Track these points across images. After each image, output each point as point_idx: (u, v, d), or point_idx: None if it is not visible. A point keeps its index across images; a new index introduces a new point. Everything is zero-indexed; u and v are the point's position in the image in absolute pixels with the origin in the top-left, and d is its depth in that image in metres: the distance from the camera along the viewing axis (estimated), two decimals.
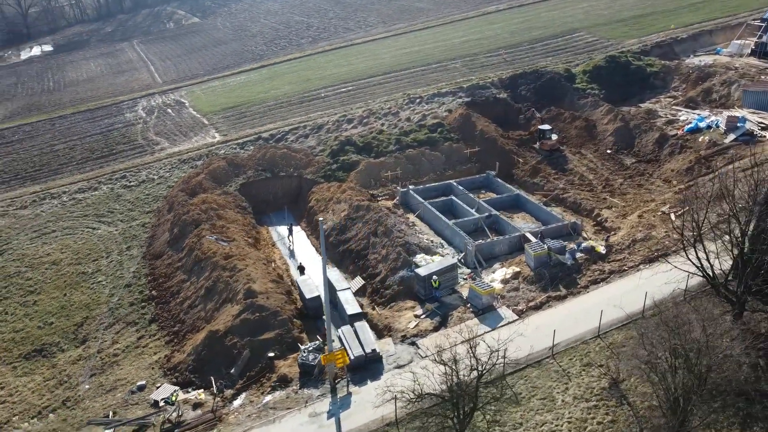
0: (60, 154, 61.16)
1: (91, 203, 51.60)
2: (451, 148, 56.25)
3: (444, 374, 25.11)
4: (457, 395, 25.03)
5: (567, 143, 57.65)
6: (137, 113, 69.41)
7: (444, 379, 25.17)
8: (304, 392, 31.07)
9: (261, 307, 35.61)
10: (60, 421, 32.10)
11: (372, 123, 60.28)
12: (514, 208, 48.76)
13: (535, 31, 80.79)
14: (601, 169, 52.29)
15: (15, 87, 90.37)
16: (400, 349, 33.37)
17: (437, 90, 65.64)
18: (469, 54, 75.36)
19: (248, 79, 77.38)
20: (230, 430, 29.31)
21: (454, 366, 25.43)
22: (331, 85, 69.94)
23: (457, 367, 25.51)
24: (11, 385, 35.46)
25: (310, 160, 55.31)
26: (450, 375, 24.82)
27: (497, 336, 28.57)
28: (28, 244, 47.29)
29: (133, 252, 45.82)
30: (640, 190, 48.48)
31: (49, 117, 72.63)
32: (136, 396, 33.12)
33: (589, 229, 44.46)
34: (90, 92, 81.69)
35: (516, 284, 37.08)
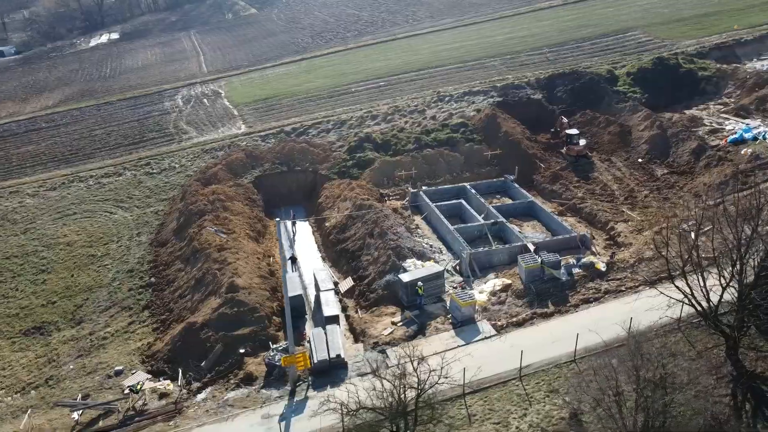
0: (96, 139, 63.79)
1: (113, 188, 53.45)
2: (471, 150, 54.38)
3: (383, 389, 24.09)
4: (393, 413, 23.96)
5: (598, 149, 54.54)
6: (175, 102, 71.39)
7: (382, 394, 24.14)
8: (264, 392, 30.78)
9: (240, 303, 35.59)
10: (38, 398, 33.32)
11: (396, 120, 59.21)
12: (527, 216, 46.53)
13: (585, 29, 76.87)
14: (628, 179, 49.02)
15: (76, 73, 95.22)
16: (369, 356, 32.42)
17: (469, 88, 63.68)
18: (511, 52, 72.65)
19: (286, 72, 77.95)
20: (185, 424, 29.42)
21: (397, 382, 24.42)
22: (363, 80, 69.29)
23: (401, 382, 24.47)
24: (6, 359, 37.16)
25: (327, 156, 54.96)
26: (385, 390, 23.77)
27: (453, 354, 27.27)
28: (50, 224, 49.54)
29: (142, 238, 47.08)
30: (666, 204, 45.02)
31: (97, 103, 75.96)
32: (112, 380, 33.88)
33: (600, 242, 41.70)
34: (140, 80, 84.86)
35: (503, 297, 35.27)
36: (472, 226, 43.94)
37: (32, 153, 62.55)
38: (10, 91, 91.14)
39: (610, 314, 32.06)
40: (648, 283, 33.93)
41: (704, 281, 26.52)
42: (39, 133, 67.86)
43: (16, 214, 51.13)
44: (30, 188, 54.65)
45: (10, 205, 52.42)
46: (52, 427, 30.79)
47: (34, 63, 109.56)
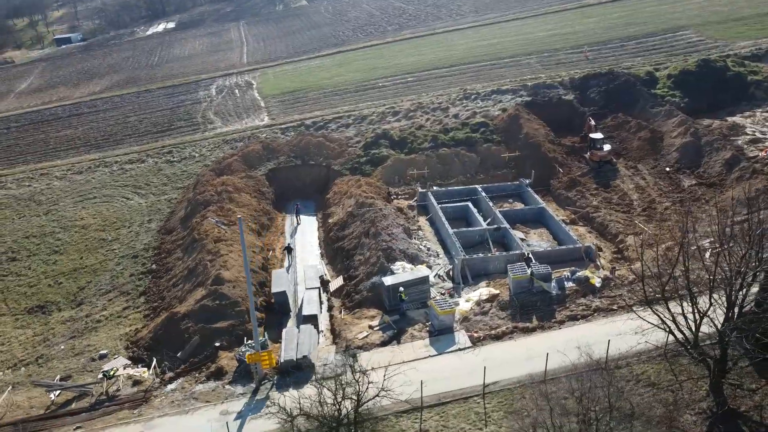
0: (129, 125, 65.82)
1: (134, 175, 54.96)
2: (489, 151, 52.57)
3: (319, 397, 23.44)
4: (330, 423, 23.25)
5: (625, 155, 51.60)
6: (209, 92, 72.70)
7: (322, 402, 23.49)
8: (229, 388, 30.69)
9: (222, 296, 35.71)
10: (25, 375, 34.54)
11: (417, 117, 58.01)
12: (536, 223, 44.55)
13: (632, 28, 72.92)
14: (651, 189, 46.04)
15: (126, 60, 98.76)
16: (339, 359, 31.75)
17: (498, 87, 61.62)
18: (549, 49, 69.83)
19: (320, 65, 77.94)
20: (148, 413, 29.72)
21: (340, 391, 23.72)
22: (392, 75, 68.32)
23: (344, 392, 23.75)
24: (8, 335, 38.81)
25: (343, 151, 54.47)
26: (321, 400, 23.10)
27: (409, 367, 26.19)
28: (70, 207, 51.45)
29: (152, 225, 48.15)
30: (687, 217, 41.89)
31: (138, 90, 78.46)
32: (95, 364, 34.68)
33: (607, 255, 39.36)
34: (182, 69, 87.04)
35: (487, 308, 33.73)
36: (474, 230, 42.44)
37: (69, 137, 65.24)
38: (66, 76, 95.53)
39: (595, 334, 30.07)
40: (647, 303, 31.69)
41: (694, 307, 24.32)
42: (80, 118, 70.70)
43: (42, 195, 53.42)
44: (59, 171, 56.98)
45: (39, 186, 54.82)
46: (29, 405, 31.85)
47: (93, 50, 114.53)
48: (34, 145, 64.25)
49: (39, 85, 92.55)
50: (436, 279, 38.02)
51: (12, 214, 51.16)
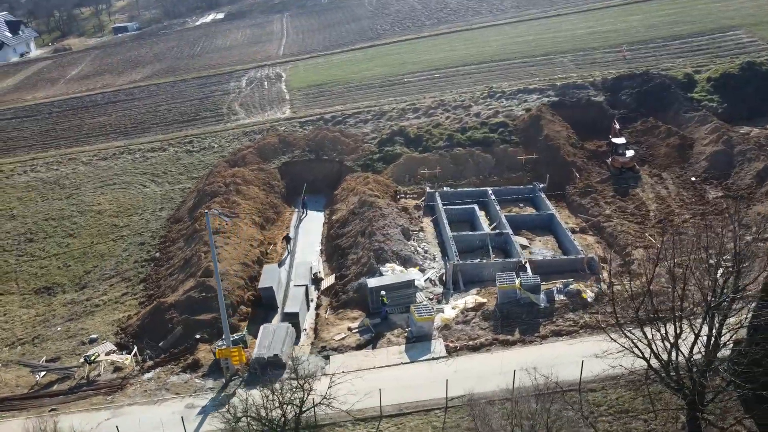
0: (158, 114, 67.28)
1: (154, 163, 56.10)
2: (506, 152, 50.77)
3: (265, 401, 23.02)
4: (272, 427, 22.80)
5: (651, 162, 48.82)
6: (240, 83, 73.44)
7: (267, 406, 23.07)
8: (200, 382, 30.77)
9: (209, 288, 35.81)
10: (20, 354, 35.77)
11: (437, 115, 56.66)
12: (544, 230, 42.69)
13: (678, 26, 68.82)
14: (672, 199, 43.32)
15: (171, 50, 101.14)
16: (312, 359, 31.32)
17: (525, 86, 59.42)
18: (586, 48, 66.79)
19: (351, 58, 77.41)
20: (119, 401, 30.16)
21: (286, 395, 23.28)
22: (419, 71, 67.03)
23: (286, 397, 23.29)
24: (13, 313, 40.35)
25: (357, 147, 53.82)
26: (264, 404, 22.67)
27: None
28: (90, 192, 53.01)
29: (162, 213, 48.98)
30: (705, 232, 39.13)
31: (174, 80, 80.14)
32: (84, 347, 35.57)
33: (613, 269, 37.15)
34: (221, 60, 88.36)
35: (470, 317, 32.50)
36: (474, 234, 41.05)
37: (102, 124, 67.29)
38: (113, 64, 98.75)
39: (576, 352, 28.42)
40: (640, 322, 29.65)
41: (678, 330, 22.51)
42: (115, 106, 72.83)
43: (67, 179, 55.26)
44: (86, 156, 58.83)
45: (65, 171, 56.76)
46: (16, 383, 32.91)
47: (144, 39, 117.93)
48: (69, 130, 66.62)
49: (88, 72, 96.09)
50: (427, 283, 36.96)
51: (37, 197, 53.17)
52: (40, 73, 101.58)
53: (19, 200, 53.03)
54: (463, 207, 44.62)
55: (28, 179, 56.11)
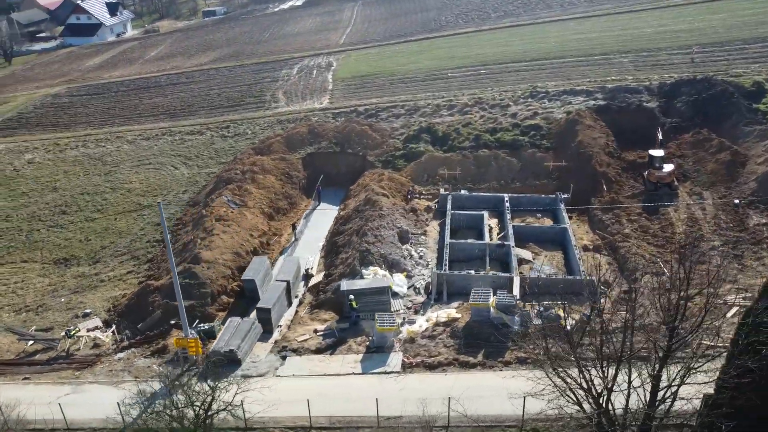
0: (207, 98, 69.14)
1: (189, 146, 57.67)
2: (533, 157, 47.70)
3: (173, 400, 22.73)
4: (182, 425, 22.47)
5: (695, 179, 44.07)
6: (291, 71, 74.00)
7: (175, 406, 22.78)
8: (160, 369, 31.11)
9: (193, 275, 36.21)
10: (21, 321, 37.91)
11: (472, 113, 54.16)
12: (555, 245, 39.69)
13: (764, 27, 61.68)
14: (706, 222, 38.85)
15: (243, 35, 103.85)
16: (269, 358, 30.86)
17: (572, 87, 55.55)
18: (651, 48, 61.45)
19: (404, 50, 75.81)
20: (83, 377, 31.13)
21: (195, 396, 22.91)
22: (466, 66, 64.44)
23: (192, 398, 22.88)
24: (30, 281, 42.85)
25: (383, 142, 52.54)
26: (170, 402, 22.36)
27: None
28: (127, 170, 55.34)
29: (184, 196, 50.22)
30: (732, 264, 34.78)
31: (234, 65, 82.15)
32: (77, 320, 37.11)
33: (615, 295, 33.88)
34: (284, 46, 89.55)
35: (438, 332, 30.71)
36: (473, 243, 38.82)
37: (156, 105, 70.14)
38: (188, 47, 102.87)
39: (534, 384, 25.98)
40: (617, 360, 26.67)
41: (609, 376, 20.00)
42: (174, 87, 75.70)
43: (110, 157, 58.03)
44: (132, 135, 61.50)
45: (110, 148, 59.63)
46: (6, 349, 34.83)
47: (224, 23, 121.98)
48: (126, 109, 70.01)
49: (164, 54, 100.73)
50: (410, 291, 35.41)
51: (80, 171, 56.23)
52: (124, 53, 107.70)
53: (65, 173, 56.31)
54: (471, 213, 42.34)
55: (77, 154, 59.47)
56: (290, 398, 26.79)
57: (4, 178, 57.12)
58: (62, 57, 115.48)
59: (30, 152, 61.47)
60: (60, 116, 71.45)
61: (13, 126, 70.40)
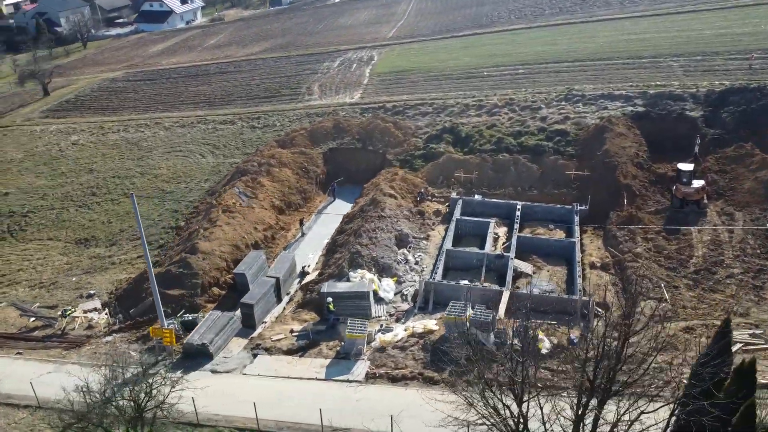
0: (247, 88, 70.18)
1: (219, 135, 58.73)
2: (555, 164, 45.37)
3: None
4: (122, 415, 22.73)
5: (729, 197, 40.58)
6: (332, 64, 73.93)
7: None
8: (139, 356, 31.76)
9: (187, 265, 36.78)
10: (32, 296, 39.80)
11: (500, 115, 52.16)
12: (561, 259, 37.54)
13: None
14: (730, 247, 35.65)
15: (298, 25, 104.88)
16: (241, 355, 30.86)
17: (610, 90, 52.44)
18: (706, 52, 57.07)
19: (447, 45, 74.05)
20: (68, 357, 32.23)
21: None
22: (505, 65, 62.15)
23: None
24: (51, 258, 44.90)
25: (405, 141, 51.51)
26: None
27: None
28: (158, 156, 57.03)
29: (205, 185, 51.17)
30: (748, 295, 31.68)
31: (281, 55, 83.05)
32: (81, 300, 38.59)
33: (612, 319, 31.64)
34: (334, 38, 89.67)
35: (411, 343, 29.69)
36: (471, 252, 37.33)
37: (199, 93, 71.92)
38: (245, 36, 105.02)
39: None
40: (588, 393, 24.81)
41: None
42: (221, 76, 77.38)
43: (145, 142, 60.00)
44: (169, 122, 63.33)
45: (147, 134, 61.66)
46: (12, 323, 36.68)
47: (284, 13, 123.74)
48: (170, 96, 72.21)
49: (222, 42, 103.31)
50: (396, 297, 34.50)
51: (116, 155, 58.48)
52: (186, 41, 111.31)
53: (102, 156, 58.72)
54: (477, 220, 40.76)
55: (116, 138, 61.89)
56: (249, 398, 26.61)
57: (49, 157, 60.27)
58: (131, 43, 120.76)
59: (76, 134, 64.56)
60: (111, 100, 74.66)
61: (68, 108, 74.21)
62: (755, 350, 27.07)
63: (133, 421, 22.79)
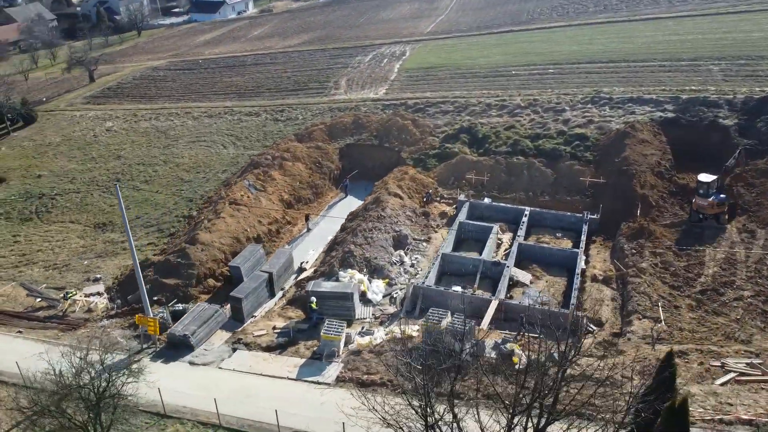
0: (278, 80, 70.68)
1: (243, 126, 59.40)
2: (570, 170, 43.66)
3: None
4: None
5: (754, 214, 37.96)
6: (364, 58, 73.55)
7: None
8: (126, 342, 32.52)
9: (185, 255, 37.39)
10: (45, 277, 41.35)
11: (521, 116, 50.61)
12: (562, 270, 36.09)
13: None
14: (744, 267, 33.34)
15: (339, 18, 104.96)
16: (221, 349, 31.11)
17: (640, 94, 50.06)
18: (751, 56, 53.71)
19: (481, 42, 72.39)
20: (63, 340, 33.23)
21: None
22: (535, 64, 60.21)
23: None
24: (69, 241, 46.49)
25: (422, 139, 50.69)
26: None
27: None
28: (183, 145, 58.20)
29: (222, 175, 51.83)
30: (755, 321, 29.50)
31: (317, 48, 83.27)
32: (87, 284, 39.85)
33: (601, 336, 30.23)
34: (372, 32, 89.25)
35: (388, 348, 29.09)
36: (467, 258, 36.30)
37: (231, 84, 72.99)
38: (288, 28, 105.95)
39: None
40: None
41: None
42: (255, 68, 78.29)
43: (173, 131, 61.35)
44: (198, 112, 64.55)
45: (176, 123, 63.04)
46: (20, 301, 38.25)
47: (330, 6, 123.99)
48: (205, 86, 73.60)
49: (265, 33, 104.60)
50: (385, 300, 33.99)
51: (144, 143, 60.06)
52: (232, 31, 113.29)
53: (132, 143, 60.43)
54: (481, 224, 39.65)
55: (147, 126, 63.58)
56: (218, 392, 26.83)
57: (83, 143, 62.53)
58: (182, 32, 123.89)
59: (111, 120, 66.72)
60: (149, 89, 76.78)
61: (109, 95, 76.81)
62: (749, 381, 25.22)
63: (94, 408, 23.29)
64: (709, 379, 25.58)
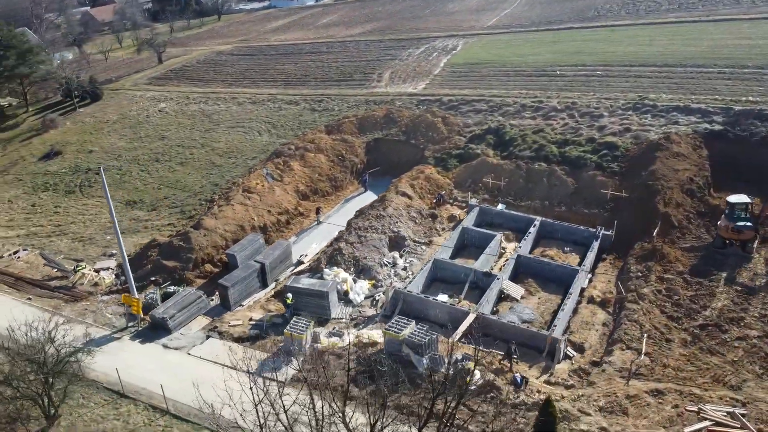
0: (325, 69, 70.94)
1: (281, 115, 60.16)
2: (592, 180, 41.00)
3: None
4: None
5: None
6: (415, 51, 72.36)
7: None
8: (113, 318, 33.96)
9: (187, 239, 38.49)
10: (69, 249, 43.87)
11: (555, 120, 48.07)
12: (559, 287, 34.03)
13: None
14: (757, 302, 30.03)
15: (405, 9, 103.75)
16: (196, 335, 31.78)
17: (688, 103, 46.18)
18: None
19: (536, 38, 69.12)
20: (64, 311, 35.20)
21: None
22: (584, 65, 56.86)
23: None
24: (100, 215, 48.99)
25: (448, 138, 49.33)
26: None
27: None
28: (222, 130, 59.80)
29: (250, 162, 52.84)
30: (753, 365, 26.51)
31: (374, 39, 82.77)
32: (103, 258, 41.96)
33: (578, 362, 28.25)
34: (433, 24, 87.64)
35: (351, 352, 28.56)
36: (458, 266, 34.92)
37: (282, 71, 74.03)
38: (354, 17, 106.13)
39: None
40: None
41: None
42: (310, 56, 78.99)
43: (217, 115, 63.15)
44: (243, 98, 66.02)
45: (221, 107, 64.82)
46: (39, 269, 40.81)
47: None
48: (257, 72, 75.08)
49: (332, 22, 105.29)
50: (366, 301, 33.43)
51: (189, 125, 62.24)
52: (302, 18, 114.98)
53: (178, 125, 62.81)
54: (485, 231, 38.05)
55: (195, 109, 65.82)
56: (177, 378, 27.49)
57: (136, 122, 65.69)
58: (258, 18, 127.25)
59: (165, 101, 69.64)
60: (207, 72, 79.41)
61: (170, 77, 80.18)
62: None
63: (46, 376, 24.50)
64: (679, 425, 23.29)
